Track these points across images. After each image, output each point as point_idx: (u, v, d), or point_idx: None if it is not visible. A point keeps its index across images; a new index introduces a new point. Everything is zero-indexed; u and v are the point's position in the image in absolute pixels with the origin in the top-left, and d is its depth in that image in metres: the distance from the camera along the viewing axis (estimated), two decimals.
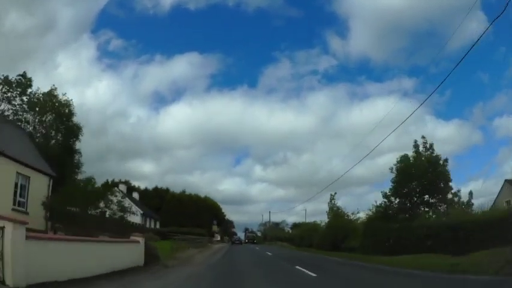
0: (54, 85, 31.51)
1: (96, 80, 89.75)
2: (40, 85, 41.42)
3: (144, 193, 66.15)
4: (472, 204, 20.22)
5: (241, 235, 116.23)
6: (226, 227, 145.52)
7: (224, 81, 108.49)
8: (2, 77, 28.05)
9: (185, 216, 63.46)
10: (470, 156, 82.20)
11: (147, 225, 43.69)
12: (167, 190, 67.52)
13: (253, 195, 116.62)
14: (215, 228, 57.26)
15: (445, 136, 71.95)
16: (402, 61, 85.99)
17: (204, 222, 63.30)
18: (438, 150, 23.24)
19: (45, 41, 75.82)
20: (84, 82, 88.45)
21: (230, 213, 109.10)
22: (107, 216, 21.10)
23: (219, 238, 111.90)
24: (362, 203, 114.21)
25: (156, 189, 67.64)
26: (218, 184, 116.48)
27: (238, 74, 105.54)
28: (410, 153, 23.28)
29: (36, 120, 30.31)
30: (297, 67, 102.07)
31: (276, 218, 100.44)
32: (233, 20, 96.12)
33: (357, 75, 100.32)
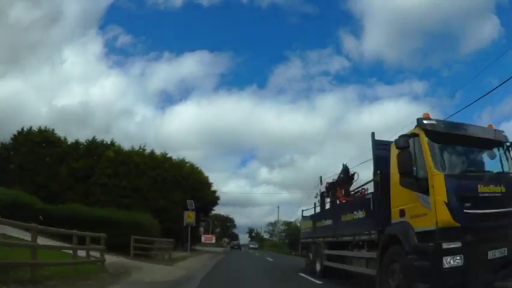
0: None
1: (103, 77, 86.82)
2: (44, 80, 56.68)
3: (71, 148, 32.95)
4: None
5: (243, 237, 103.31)
6: (226, 225, 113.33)
7: (233, 80, 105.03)
8: None
9: (132, 192, 30.43)
10: None
11: None
12: (111, 144, 33.82)
13: (258, 198, 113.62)
14: (190, 216, 24.27)
15: None
16: (415, 63, 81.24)
17: (176, 208, 29.58)
18: None
19: (51, 34, 71.53)
20: (90, 79, 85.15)
21: (233, 216, 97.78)
22: None
23: (213, 241, 79.08)
24: None
25: (92, 143, 33.91)
26: (222, 185, 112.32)
27: (248, 74, 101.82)
28: None
29: None
30: (307, 67, 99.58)
31: (286, 217, 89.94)
32: (246, 16, 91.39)
33: (368, 76, 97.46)
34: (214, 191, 33.56)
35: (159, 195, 29.62)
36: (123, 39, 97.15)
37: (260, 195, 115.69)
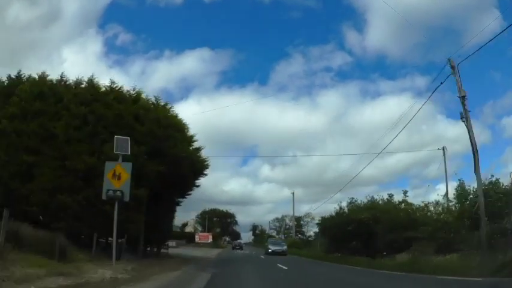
0: None
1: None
2: None
3: None
4: None
5: (245, 236, 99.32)
6: (226, 222, 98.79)
7: (234, 78, 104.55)
8: None
9: (41, 143, 16.00)
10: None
11: None
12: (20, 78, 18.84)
13: (259, 196, 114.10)
14: (118, 176, 10.21)
15: (455, 135, 50.94)
16: (418, 58, 79.78)
17: None
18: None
19: (50, 34, 65.31)
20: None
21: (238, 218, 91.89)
22: None
23: (209, 240, 66.19)
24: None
25: (15, 80, 19.01)
26: (224, 185, 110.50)
27: (249, 71, 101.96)
28: None
29: None
30: (310, 63, 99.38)
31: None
32: (249, 11, 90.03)
33: (371, 72, 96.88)
34: (198, 150, 18.67)
35: (85, 148, 15.08)
36: (123, 37, 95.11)
37: (262, 193, 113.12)
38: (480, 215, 13.17)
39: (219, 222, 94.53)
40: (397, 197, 22.38)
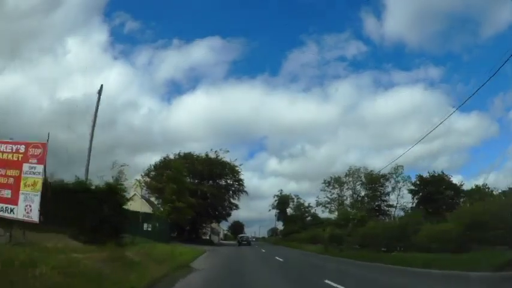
0: None
1: (108, 68, 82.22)
2: (47, 72, 68.13)
3: None
4: None
5: (249, 231, 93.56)
6: (219, 189, 46.03)
7: (244, 68, 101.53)
8: None
9: None
10: (486, 149, 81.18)
11: None
12: None
13: (266, 190, 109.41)
14: None
15: (465, 128, 71.70)
16: (434, 47, 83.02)
17: None
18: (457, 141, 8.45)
19: (52, 23, 70.63)
20: (95, 70, 76.41)
21: (240, 210, 63.20)
22: None
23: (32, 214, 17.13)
24: None
25: None
26: None
27: (261, 60, 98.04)
28: None
29: None
30: (323, 52, 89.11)
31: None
32: None
33: (385, 62, 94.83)
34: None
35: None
36: (130, 26, 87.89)
37: (268, 187, 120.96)
38: None
39: (203, 189, 42.54)
40: None
